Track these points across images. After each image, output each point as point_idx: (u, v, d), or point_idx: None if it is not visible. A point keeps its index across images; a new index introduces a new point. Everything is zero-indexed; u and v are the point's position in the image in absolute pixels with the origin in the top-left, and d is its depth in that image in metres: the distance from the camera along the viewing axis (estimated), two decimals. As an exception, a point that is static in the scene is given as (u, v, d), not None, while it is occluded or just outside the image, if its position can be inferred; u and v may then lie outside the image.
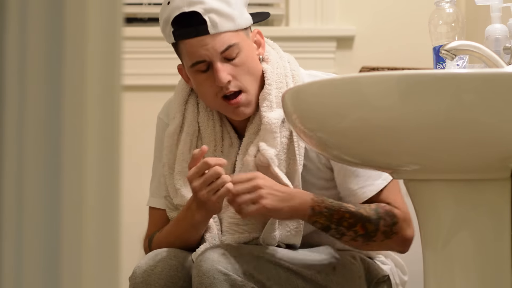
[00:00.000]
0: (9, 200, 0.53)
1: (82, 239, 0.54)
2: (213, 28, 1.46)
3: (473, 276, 1.21)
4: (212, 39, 1.47)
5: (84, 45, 0.54)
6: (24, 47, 0.54)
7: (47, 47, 0.54)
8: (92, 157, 0.55)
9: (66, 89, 0.54)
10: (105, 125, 0.56)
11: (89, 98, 0.55)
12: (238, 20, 1.49)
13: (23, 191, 0.53)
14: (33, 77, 0.54)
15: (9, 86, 0.54)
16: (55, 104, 0.54)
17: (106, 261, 0.56)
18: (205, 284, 1.36)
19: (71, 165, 0.54)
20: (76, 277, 0.54)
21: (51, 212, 0.53)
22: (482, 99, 1.04)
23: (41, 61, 0.54)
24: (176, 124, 1.57)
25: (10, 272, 0.53)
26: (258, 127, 1.53)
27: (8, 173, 0.53)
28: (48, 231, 0.53)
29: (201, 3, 1.46)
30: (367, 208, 1.50)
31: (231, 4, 1.48)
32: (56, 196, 0.53)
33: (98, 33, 0.55)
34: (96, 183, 0.55)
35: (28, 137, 0.54)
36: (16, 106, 0.54)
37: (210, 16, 1.46)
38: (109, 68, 0.56)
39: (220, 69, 1.47)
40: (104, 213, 0.56)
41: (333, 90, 1.15)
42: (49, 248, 0.53)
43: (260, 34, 1.58)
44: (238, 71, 1.48)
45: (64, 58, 0.54)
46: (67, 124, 0.54)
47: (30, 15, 0.54)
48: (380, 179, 1.52)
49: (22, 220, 0.53)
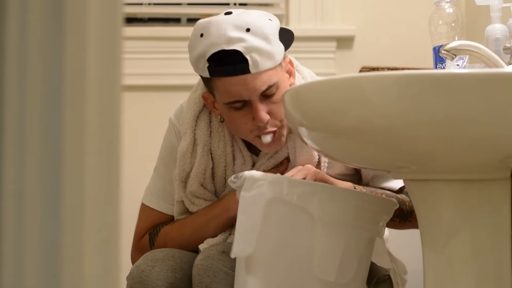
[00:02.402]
0: (9, 200, 0.53)
1: (82, 239, 0.54)
2: (255, 67, 1.40)
3: (472, 276, 1.21)
4: (252, 78, 1.41)
5: (84, 45, 0.54)
6: (24, 47, 0.54)
7: (47, 47, 0.54)
8: (92, 157, 0.55)
9: (66, 89, 0.54)
10: (105, 125, 0.56)
11: (89, 98, 0.55)
12: (277, 56, 1.43)
13: (23, 191, 0.53)
14: (33, 77, 0.54)
15: (9, 86, 0.54)
16: (55, 104, 0.54)
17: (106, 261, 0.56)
18: (205, 282, 1.36)
19: (71, 165, 0.54)
20: (76, 277, 0.54)
21: (51, 212, 0.53)
22: (482, 99, 1.04)
23: (41, 61, 0.54)
24: (188, 141, 1.54)
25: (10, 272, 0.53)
26: (272, 153, 1.54)
27: (8, 173, 0.53)
28: (48, 231, 0.53)
29: (242, 41, 1.39)
30: (397, 194, 1.57)
31: (270, 40, 1.42)
32: (56, 196, 0.53)
33: (98, 33, 0.55)
34: (96, 183, 0.55)
35: (28, 137, 0.54)
36: (16, 106, 0.54)
37: (252, 56, 1.40)
38: (109, 68, 0.56)
39: (261, 109, 1.43)
40: (104, 213, 0.56)
41: (333, 90, 1.15)
42: (49, 248, 0.53)
43: (291, 63, 1.53)
44: (275, 108, 1.45)
45: (64, 58, 0.54)
46: (67, 124, 0.54)
47: (30, 15, 0.54)
48: None
49: (22, 220, 0.53)
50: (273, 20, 1.46)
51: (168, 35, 2.42)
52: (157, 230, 1.59)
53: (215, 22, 1.42)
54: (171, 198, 1.60)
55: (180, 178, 1.55)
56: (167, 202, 1.61)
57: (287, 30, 1.55)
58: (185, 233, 1.53)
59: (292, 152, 1.54)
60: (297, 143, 1.53)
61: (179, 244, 1.54)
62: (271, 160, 1.54)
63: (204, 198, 1.55)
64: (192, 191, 1.54)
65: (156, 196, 1.63)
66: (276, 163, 1.54)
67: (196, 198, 1.55)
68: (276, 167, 1.54)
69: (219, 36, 1.39)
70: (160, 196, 1.62)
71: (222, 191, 1.57)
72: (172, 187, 1.59)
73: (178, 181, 1.56)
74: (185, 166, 1.54)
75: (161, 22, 2.50)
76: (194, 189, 1.54)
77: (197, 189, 1.54)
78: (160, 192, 1.62)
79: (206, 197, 1.55)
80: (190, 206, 1.56)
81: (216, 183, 1.56)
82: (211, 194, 1.56)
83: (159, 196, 1.62)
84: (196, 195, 1.55)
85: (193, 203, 1.55)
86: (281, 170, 1.53)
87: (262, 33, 1.41)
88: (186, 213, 1.58)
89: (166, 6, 2.46)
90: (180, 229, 1.55)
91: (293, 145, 1.54)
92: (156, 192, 1.63)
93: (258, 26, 1.41)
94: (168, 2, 2.46)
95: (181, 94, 1.74)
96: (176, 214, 1.59)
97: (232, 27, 1.40)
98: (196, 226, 1.53)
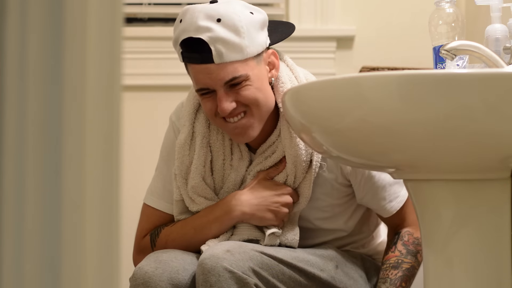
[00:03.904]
0: (9, 200, 0.53)
1: (82, 239, 0.54)
2: (219, 58, 1.42)
3: (473, 276, 1.21)
4: (216, 68, 1.42)
5: (84, 45, 0.54)
6: (24, 47, 0.54)
7: (47, 47, 0.54)
8: (92, 157, 0.55)
9: (66, 89, 0.54)
10: (105, 125, 0.56)
11: (89, 98, 0.55)
12: (248, 50, 1.43)
13: (23, 191, 0.53)
14: (33, 77, 0.54)
15: (9, 86, 0.54)
16: (55, 104, 0.54)
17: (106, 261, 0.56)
18: (210, 281, 1.35)
19: (71, 165, 0.54)
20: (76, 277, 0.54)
21: (51, 212, 0.53)
22: (482, 99, 1.04)
23: (41, 61, 0.54)
24: (185, 133, 1.55)
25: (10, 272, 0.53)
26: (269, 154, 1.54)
27: (8, 173, 0.53)
28: (48, 231, 0.53)
29: (209, 31, 1.41)
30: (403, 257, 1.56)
31: (240, 33, 1.42)
32: (56, 196, 0.53)
33: (98, 33, 0.55)
34: (96, 182, 0.55)
35: (28, 137, 0.54)
36: (16, 106, 0.54)
37: (216, 46, 1.41)
38: (109, 68, 0.56)
39: (224, 100, 1.44)
40: (104, 213, 0.56)
41: (333, 90, 1.15)
42: (49, 248, 0.53)
43: (275, 55, 1.52)
44: (243, 98, 1.45)
45: (64, 58, 0.54)
46: (67, 124, 0.54)
47: (30, 15, 0.54)
48: (402, 190, 1.57)
49: (22, 220, 0.53)
50: (256, 14, 1.46)
51: (168, 35, 2.39)
52: (158, 231, 1.58)
53: (192, 10, 1.44)
54: (172, 197, 1.60)
55: (181, 172, 1.55)
56: (167, 201, 1.60)
57: (285, 23, 1.57)
58: (187, 234, 1.53)
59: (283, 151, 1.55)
60: (287, 142, 1.52)
61: (180, 245, 1.53)
62: (269, 160, 1.53)
63: (204, 196, 1.54)
64: (194, 186, 1.53)
65: (156, 195, 1.62)
66: (274, 162, 1.53)
67: (197, 196, 1.54)
68: (275, 165, 1.54)
69: (190, 24, 1.43)
70: (160, 195, 1.61)
71: (221, 187, 1.56)
72: (173, 186, 1.59)
73: (179, 176, 1.55)
74: (184, 159, 1.55)
75: (161, 22, 2.50)
76: (196, 183, 1.53)
77: (199, 183, 1.53)
78: (160, 191, 1.62)
79: (207, 196, 1.54)
80: (190, 204, 1.55)
81: (215, 177, 1.55)
82: (211, 191, 1.55)
83: (159, 195, 1.62)
84: (198, 192, 1.54)
85: (194, 201, 1.55)
86: (280, 169, 1.53)
87: (233, 25, 1.42)
88: (186, 213, 1.57)
89: (166, 6, 2.46)
90: (181, 230, 1.54)
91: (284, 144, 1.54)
92: (157, 191, 1.63)
93: (230, 18, 1.42)
94: (168, 2, 2.46)
95: (181, 94, 1.73)
96: (176, 213, 1.58)
97: (204, 16, 1.42)
98: (197, 227, 1.53)
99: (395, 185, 1.55)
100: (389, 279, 1.52)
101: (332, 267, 1.52)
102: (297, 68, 1.57)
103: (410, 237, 1.57)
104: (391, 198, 1.56)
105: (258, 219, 1.50)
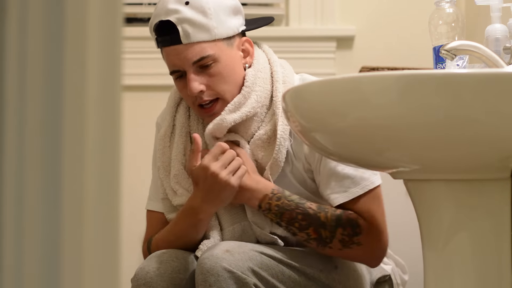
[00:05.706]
0: (9, 200, 0.53)
1: (82, 240, 0.54)
2: (186, 38, 1.47)
3: (472, 276, 1.21)
4: (184, 49, 1.48)
5: (84, 45, 0.54)
6: (24, 47, 0.54)
7: (47, 47, 0.54)
8: (92, 157, 0.55)
9: (66, 89, 0.54)
10: (105, 125, 0.56)
11: (89, 98, 0.55)
12: (216, 31, 1.48)
13: (23, 191, 0.53)
14: (33, 77, 0.54)
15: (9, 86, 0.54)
16: (55, 104, 0.54)
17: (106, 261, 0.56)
18: (209, 281, 1.35)
19: (71, 165, 0.54)
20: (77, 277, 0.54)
21: (51, 212, 0.53)
22: (482, 99, 1.04)
23: (41, 61, 0.54)
24: (166, 126, 1.59)
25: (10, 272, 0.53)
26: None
27: (8, 173, 0.53)
28: (48, 231, 0.53)
29: (176, 13, 1.47)
30: (329, 213, 1.48)
31: (207, 14, 1.48)
32: (56, 196, 0.53)
33: (98, 33, 0.55)
34: (96, 183, 0.55)
35: (28, 137, 0.54)
36: (16, 106, 0.54)
37: (183, 26, 1.46)
38: (109, 68, 0.56)
39: (192, 79, 1.48)
40: (104, 213, 0.56)
41: (333, 90, 1.15)
42: (49, 249, 0.53)
43: (249, 42, 1.57)
44: (213, 80, 1.49)
45: (64, 58, 0.54)
46: (67, 124, 0.54)
47: (30, 15, 0.54)
48: (357, 187, 1.49)
49: (22, 220, 0.53)
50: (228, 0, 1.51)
51: (168, 35, 2.41)
52: (151, 240, 1.60)
53: None
54: None
55: (163, 164, 1.56)
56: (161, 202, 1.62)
57: (265, 17, 1.63)
58: (171, 242, 1.53)
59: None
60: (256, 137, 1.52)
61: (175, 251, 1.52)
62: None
63: (186, 188, 1.54)
64: (176, 175, 1.54)
65: (152, 198, 1.64)
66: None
67: (179, 186, 1.54)
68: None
69: (161, 8, 1.49)
70: (155, 197, 1.63)
71: None
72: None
73: (161, 168, 1.57)
74: (165, 150, 1.57)
75: (161, 22, 2.50)
76: (178, 172, 1.54)
77: (180, 171, 1.54)
78: (154, 193, 1.63)
79: (189, 187, 1.54)
80: (173, 198, 1.55)
81: None
82: (190, 183, 1.54)
83: (154, 197, 1.63)
84: (179, 182, 1.54)
85: (176, 193, 1.55)
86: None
87: (201, 6, 1.47)
88: (175, 211, 1.57)
89: (166, 6, 2.46)
90: (166, 238, 1.55)
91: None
92: (152, 194, 1.64)
93: (198, 0, 1.48)
94: (168, 2, 2.46)
95: (181, 94, 1.74)
96: (166, 213, 1.59)
97: (174, 0, 1.48)
98: (178, 234, 1.53)
99: (350, 179, 1.49)
100: (285, 205, 1.47)
101: (332, 268, 1.52)
102: (274, 57, 1.59)
103: (348, 213, 1.48)
104: (338, 190, 1.49)
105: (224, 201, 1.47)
